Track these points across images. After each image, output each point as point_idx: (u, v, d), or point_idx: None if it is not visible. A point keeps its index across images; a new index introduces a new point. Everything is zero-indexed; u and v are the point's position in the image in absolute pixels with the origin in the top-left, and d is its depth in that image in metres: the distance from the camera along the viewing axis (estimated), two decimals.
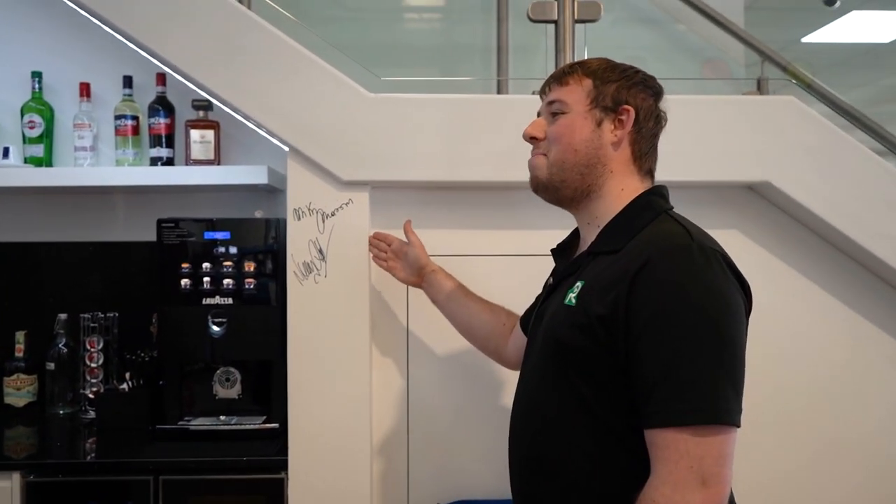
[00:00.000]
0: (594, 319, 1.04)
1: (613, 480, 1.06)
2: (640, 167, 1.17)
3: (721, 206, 1.79)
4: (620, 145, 1.16)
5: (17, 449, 1.83)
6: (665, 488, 0.96)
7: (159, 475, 1.67)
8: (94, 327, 2.07)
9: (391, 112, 1.69)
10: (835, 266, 1.81)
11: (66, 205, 2.19)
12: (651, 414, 0.99)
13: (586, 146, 1.15)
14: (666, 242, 1.05)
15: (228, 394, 1.88)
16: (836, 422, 1.81)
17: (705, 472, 0.95)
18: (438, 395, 1.79)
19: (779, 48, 2.43)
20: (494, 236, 1.79)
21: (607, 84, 1.16)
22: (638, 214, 1.13)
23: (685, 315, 0.99)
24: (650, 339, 0.99)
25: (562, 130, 1.17)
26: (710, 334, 0.99)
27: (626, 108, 1.15)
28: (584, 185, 1.16)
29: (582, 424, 1.07)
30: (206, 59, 1.68)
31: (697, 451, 0.96)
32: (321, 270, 1.69)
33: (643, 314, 1.00)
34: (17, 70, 2.13)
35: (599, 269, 1.09)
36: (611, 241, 1.12)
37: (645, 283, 1.01)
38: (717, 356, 0.98)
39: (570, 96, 1.17)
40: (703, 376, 0.97)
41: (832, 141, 1.73)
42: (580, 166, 1.16)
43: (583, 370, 1.07)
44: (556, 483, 1.10)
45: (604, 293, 1.05)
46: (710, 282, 1.00)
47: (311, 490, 1.68)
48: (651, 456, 1.00)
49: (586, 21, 1.79)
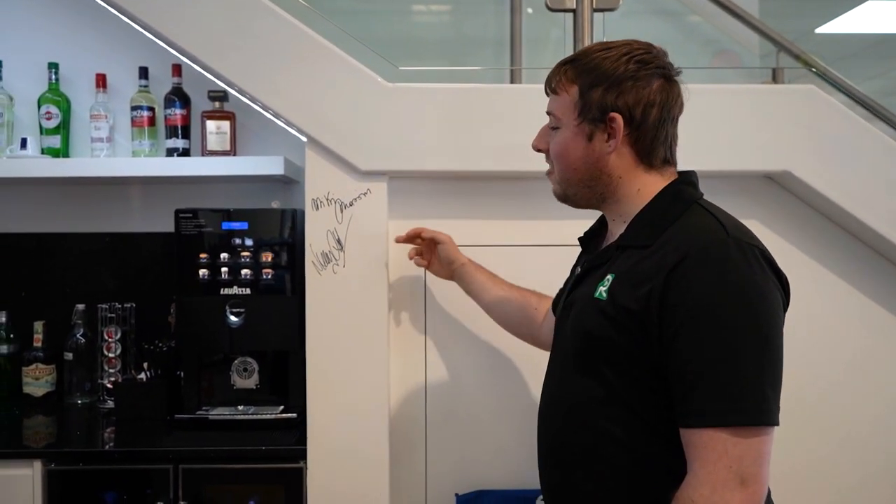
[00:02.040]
0: (625, 313, 1.03)
1: (642, 468, 1.05)
2: (650, 163, 1.13)
3: (740, 196, 1.78)
4: (619, 152, 1.11)
5: (38, 438, 1.84)
6: (704, 488, 0.96)
7: (179, 464, 1.68)
8: (111, 317, 2.08)
9: (409, 101, 1.68)
10: (854, 256, 1.80)
11: (82, 195, 2.20)
12: (689, 413, 0.98)
13: (584, 163, 1.13)
14: (702, 238, 1.02)
15: (246, 384, 1.89)
16: (855, 410, 1.81)
17: (744, 473, 0.95)
18: (456, 384, 1.79)
19: (793, 39, 2.41)
20: (512, 226, 1.79)
21: (592, 90, 1.10)
22: (669, 206, 1.10)
23: (723, 313, 0.97)
24: (687, 336, 0.98)
25: (558, 150, 1.15)
26: (749, 332, 0.98)
27: (613, 116, 1.09)
28: (595, 194, 1.15)
29: (610, 414, 1.07)
30: (224, 49, 1.68)
31: (736, 451, 0.95)
32: (339, 260, 1.69)
33: (680, 311, 0.99)
34: (34, 61, 2.13)
35: (631, 263, 1.07)
36: (641, 235, 1.09)
37: (681, 279, 0.99)
38: (755, 355, 0.97)
39: (560, 109, 1.14)
40: (742, 375, 0.96)
41: (853, 130, 1.72)
42: (585, 181, 1.14)
43: (612, 361, 1.06)
44: (583, 472, 1.10)
45: (636, 287, 1.03)
46: (747, 279, 0.99)
47: (330, 479, 1.69)
48: (688, 455, 0.99)
49: (605, 10, 1.78)
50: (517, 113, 1.67)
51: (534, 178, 1.76)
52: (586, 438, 1.09)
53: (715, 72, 2.67)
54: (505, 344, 1.78)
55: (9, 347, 2.10)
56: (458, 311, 1.79)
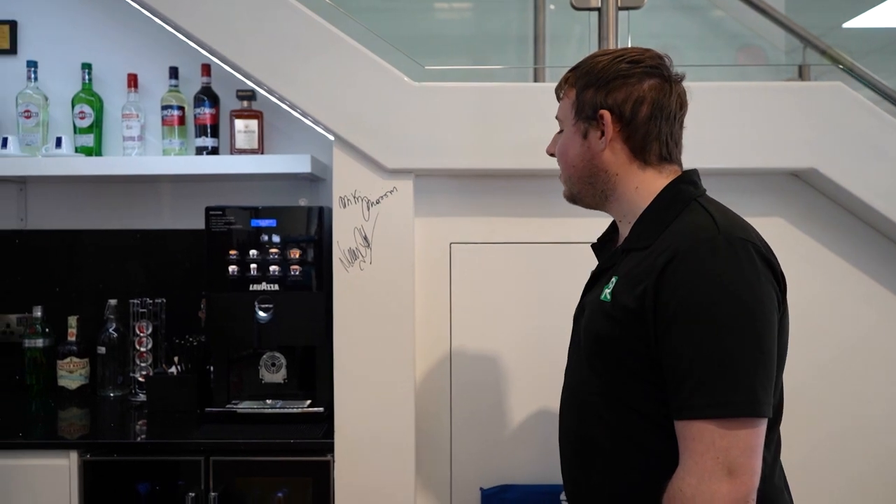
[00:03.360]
0: (625, 312, 1.06)
1: (649, 463, 1.07)
2: (645, 160, 1.14)
3: (765, 194, 1.78)
4: (613, 149, 1.14)
5: (73, 429, 1.89)
6: (691, 478, 0.98)
7: (210, 456, 1.72)
8: (143, 312, 2.13)
9: (435, 101, 1.70)
10: (881, 253, 1.79)
11: (114, 193, 2.25)
12: (680, 407, 1.01)
13: (581, 160, 1.18)
14: (692, 236, 1.04)
15: (274, 378, 1.92)
16: (881, 406, 1.80)
17: (732, 463, 0.97)
18: (482, 379, 1.81)
19: (819, 34, 2.39)
20: (536, 224, 1.80)
21: (586, 91, 1.15)
22: (667, 206, 1.12)
23: (709, 308, 0.99)
24: (678, 332, 1.01)
25: (560, 150, 1.22)
26: (736, 326, 0.99)
27: (602, 113, 1.13)
28: (597, 192, 1.19)
29: (620, 411, 1.10)
30: (253, 48, 1.71)
31: (723, 442, 0.97)
32: (366, 257, 1.72)
33: (669, 308, 1.01)
34: (67, 62, 2.18)
35: (632, 265, 1.10)
36: (642, 237, 1.12)
37: (671, 277, 1.02)
38: (743, 348, 0.99)
39: (563, 112, 1.22)
40: (730, 369, 0.98)
41: (880, 127, 1.71)
42: (585, 178, 1.19)
43: (619, 361, 1.09)
44: (600, 466, 1.13)
45: (634, 287, 1.06)
46: (735, 274, 1.00)
47: (357, 473, 1.72)
48: (680, 447, 1.01)
49: (630, 8, 1.78)
50: (541, 111, 1.66)
51: (556, 176, 1.77)
52: (598, 435, 1.12)
53: (739, 67, 2.65)
54: (529, 340, 1.80)
55: (44, 341, 2.16)
56: (483, 308, 1.81)
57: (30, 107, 2.09)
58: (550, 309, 1.75)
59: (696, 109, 1.24)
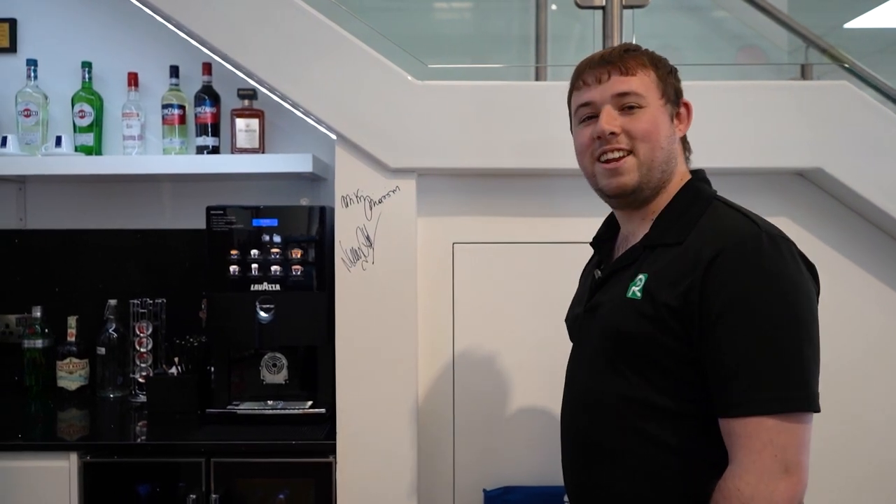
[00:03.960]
0: (665, 310, 1.04)
1: (682, 464, 1.05)
2: (686, 156, 1.20)
3: (771, 193, 1.77)
4: (677, 140, 1.17)
5: (72, 431, 1.88)
6: (749, 476, 0.96)
7: (211, 457, 1.70)
8: (143, 313, 2.11)
9: (438, 100, 1.69)
10: (887, 252, 1.79)
11: (115, 192, 2.24)
12: (732, 403, 0.99)
13: (668, 142, 1.14)
14: (736, 232, 1.04)
15: (275, 379, 1.91)
16: (886, 405, 1.79)
17: (788, 461, 0.96)
18: (484, 381, 1.80)
19: (821, 34, 2.38)
20: (538, 223, 1.79)
21: (668, 75, 1.15)
22: (690, 204, 1.13)
23: (761, 304, 0.99)
24: (727, 328, 0.99)
25: (648, 128, 1.11)
26: (787, 321, 0.99)
27: (686, 102, 1.17)
28: (662, 181, 1.14)
29: (647, 412, 1.07)
30: (255, 46, 1.70)
31: (781, 439, 0.96)
32: (369, 257, 1.71)
33: (718, 304, 1.00)
34: (67, 61, 2.17)
35: (665, 262, 1.08)
36: (669, 233, 1.11)
37: (719, 273, 1.01)
38: (795, 343, 0.99)
39: (643, 88, 1.12)
40: (784, 364, 0.97)
41: (886, 126, 1.70)
42: (665, 162, 1.13)
43: (652, 359, 1.06)
44: (617, 469, 1.10)
45: (674, 284, 1.04)
46: (782, 269, 1.01)
47: (359, 474, 1.71)
48: (731, 444, 0.99)
49: (634, 7, 1.78)
50: (544, 110, 1.67)
51: (559, 175, 1.76)
52: (618, 437, 1.10)
53: (740, 67, 2.65)
54: (533, 340, 1.79)
55: (43, 342, 2.15)
56: (486, 308, 1.80)
57: (29, 105, 2.08)
58: (554, 309, 1.72)
59: (702, 109, 1.24)
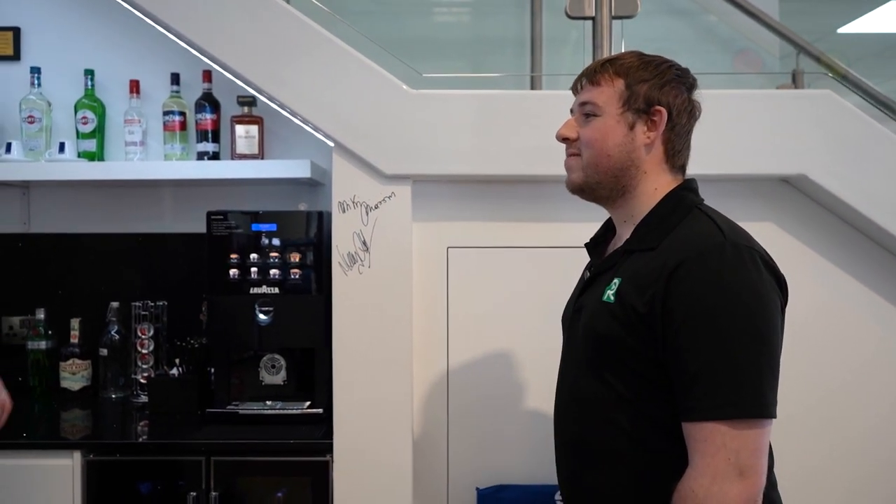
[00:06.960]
0: (633, 315, 1.08)
1: (651, 463, 1.10)
2: (672, 165, 1.19)
3: (756, 199, 1.81)
4: (653, 146, 1.17)
5: (75, 430, 1.92)
6: (703, 479, 1.01)
7: (211, 456, 1.74)
8: (144, 315, 2.15)
9: (432, 108, 1.73)
10: (870, 258, 1.82)
11: (117, 197, 2.28)
12: (690, 408, 1.03)
13: (619, 150, 1.16)
14: (700, 242, 1.08)
15: (274, 380, 1.95)
16: (869, 411, 1.83)
17: (742, 464, 1.00)
18: (478, 381, 1.85)
19: (813, 39, 2.41)
20: (533, 229, 1.83)
21: (640, 84, 1.16)
22: (671, 211, 1.16)
23: (719, 313, 1.03)
24: (687, 336, 1.04)
25: (595, 135, 1.18)
26: (744, 330, 1.02)
27: (658, 110, 1.15)
28: (618, 186, 1.18)
29: (621, 411, 1.11)
30: (254, 56, 1.74)
31: (734, 443, 1.00)
32: (365, 261, 1.75)
33: (679, 312, 1.04)
34: (70, 68, 2.21)
35: (637, 267, 1.12)
36: (646, 239, 1.15)
37: (680, 282, 1.04)
38: (752, 352, 1.02)
39: (602, 98, 1.17)
40: (740, 371, 1.01)
41: (869, 133, 1.74)
42: (613, 170, 1.17)
43: (623, 362, 1.11)
44: (600, 466, 1.15)
45: (642, 290, 1.08)
46: (743, 280, 1.04)
47: (355, 472, 1.75)
48: (689, 448, 1.04)
49: (623, 17, 1.82)
50: (538, 118, 1.71)
51: (554, 181, 1.79)
52: (599, 436, 1.14)
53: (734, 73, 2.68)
54: (526, 343, 1.83)
55: (47, 343, 2.19)
56: (479, 311, 1.84)
57: (33, 112, 2.12)
58: (547, 312, 1.75)
59: None
